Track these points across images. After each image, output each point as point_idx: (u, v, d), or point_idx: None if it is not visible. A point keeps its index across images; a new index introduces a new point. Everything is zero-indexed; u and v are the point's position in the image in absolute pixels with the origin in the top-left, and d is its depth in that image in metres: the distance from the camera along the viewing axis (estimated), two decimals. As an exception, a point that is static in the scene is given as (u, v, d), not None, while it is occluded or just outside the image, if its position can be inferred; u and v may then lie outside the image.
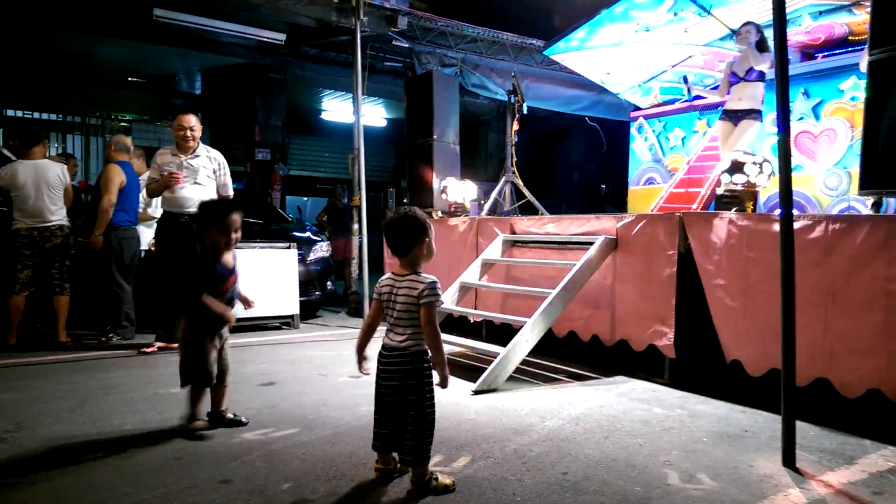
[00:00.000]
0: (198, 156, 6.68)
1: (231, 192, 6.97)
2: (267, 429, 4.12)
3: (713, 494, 3.16)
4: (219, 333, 4.14)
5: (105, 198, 6.98)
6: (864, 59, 6.59)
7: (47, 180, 6.92)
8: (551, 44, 10.18)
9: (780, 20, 3.62)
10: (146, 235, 7.99)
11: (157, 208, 7.75)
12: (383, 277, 3.29)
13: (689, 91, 8.62)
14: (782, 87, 3.59)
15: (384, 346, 3.23)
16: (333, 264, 10.39)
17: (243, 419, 4.23)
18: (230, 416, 4.22)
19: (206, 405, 4.16)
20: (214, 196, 6.75)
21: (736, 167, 5.70)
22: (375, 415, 3.27)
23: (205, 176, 6.68)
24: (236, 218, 4.13)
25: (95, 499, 3.06)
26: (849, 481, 3.34)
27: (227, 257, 4.14)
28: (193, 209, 6.56)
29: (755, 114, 7.50)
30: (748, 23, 7.52)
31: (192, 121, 6.65)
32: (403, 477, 3.28)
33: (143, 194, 7.65)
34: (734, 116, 7.63)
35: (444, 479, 3.18)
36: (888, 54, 4.24)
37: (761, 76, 7.46)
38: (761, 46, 7.46)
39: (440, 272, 7.13)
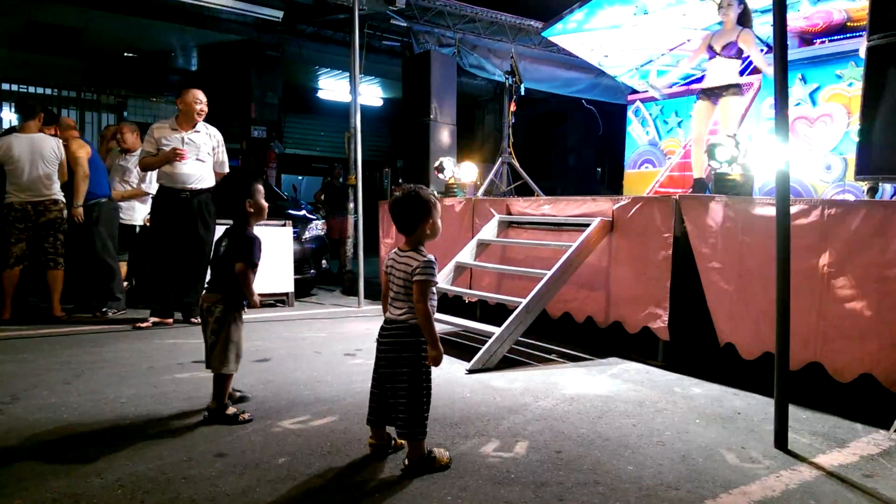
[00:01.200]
0: (198, 131, 6.67)
1: (227, 170, 6.95)
2: (261, 404, 4.13)
3: (705, 474, 3.18)
4: None
5: (79, 170, 7.02)
6: (864, 46, 6.59)
7: (42, 154, 6.88)
8: (549, 25, 10.15)
9: (781, 5, 3.62)
10: (141, 211, 7.98)
11: (151, 184, 7.73)
12: (391, 252, 3.32)
13: (660, 93, 8.48)
14: (781, 72, 3.59)
15: (385, 319, 3.26)
16: (328, 243, 10.38)
17: (248, 395, 4.23)
18: (238, 393, 4.19)
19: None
20: (212, 173, 6.75)
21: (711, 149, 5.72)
22: (371, 388, 3.29)
23: (205, 152, 6.68)
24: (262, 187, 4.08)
25: (91, 470, 3.07)
26: (840, 464, 3.37)
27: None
28: (195, 185, 6.56)
29: (734, 88, 7.37)
30: None
31: (203, 96, 6.65)
32: (399, 453, 3.31)
33: (137, 169, 7.63)
34: (712, 94, 7.52)
35: (442, 457, 3.20)
36: (886, 40, 4.24)
37: (739, 53, 7.35)
38: (743, 20, 7.35)
39: (436, 251, 7.14)
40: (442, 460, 3.18)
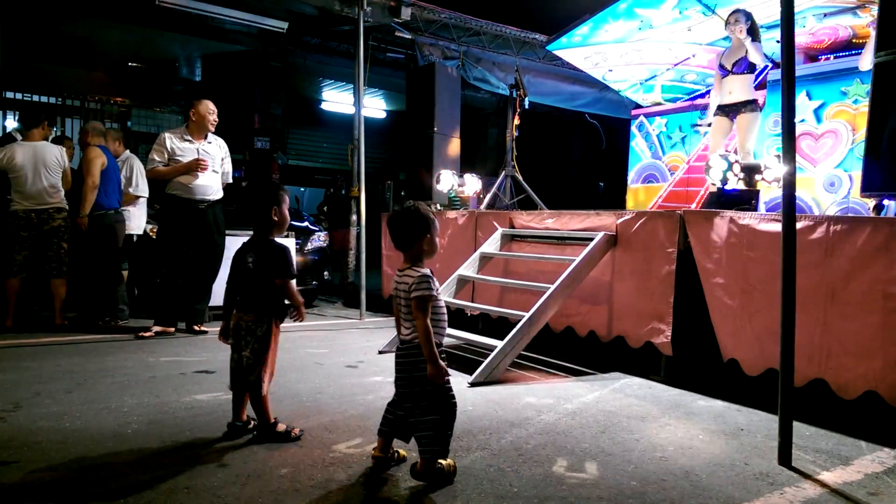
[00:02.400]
0: (210, 142, 6.68)
1: (230, 181, 6.96)
2: (264, 415, 4.12)
3: (709, 491, 3.17)
4: None
5: (88, 179, 6.98)
6: (862, 59, 6.57)
7: (46, 163, 6.88)
8: (554, 39, 10.16)
9: (788, 21, 3.62)
10: (138, 219, 7.90)
11: (137, 187, 7.72)
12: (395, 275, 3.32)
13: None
14: (788, 88, 3.59)
15: (399, 341, 3.26)
16: (331, 254, 10.37)
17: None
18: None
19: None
20: (220, 184, 6.77)
21: (752, 170, 5.68)
22: (390, 402, 3.31)
23: (217, 163, 6.70)
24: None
25: (93, 478, 3.06)
26: (844, 481, 3.35)
27: None
28: (212, 196, 6.57)
29: (752, 104, 7.36)
30: (736, 11, 7.35)
31: (214, 107, 6.67)
32: (401, 465, 3.30)
33: (122, 174, 7.62)
34: (729, 111, 7.51)
35: (450, 466, 3.18)
36: (893, 57, 4.24)
37: (750, 68, 7.35)
38: (751, 34, 7.34)
39: (439, 264, 7.16)
40: (450, 471, 3.17)
